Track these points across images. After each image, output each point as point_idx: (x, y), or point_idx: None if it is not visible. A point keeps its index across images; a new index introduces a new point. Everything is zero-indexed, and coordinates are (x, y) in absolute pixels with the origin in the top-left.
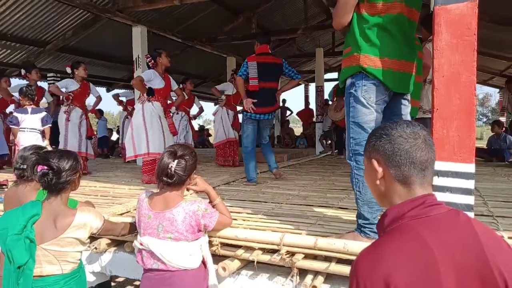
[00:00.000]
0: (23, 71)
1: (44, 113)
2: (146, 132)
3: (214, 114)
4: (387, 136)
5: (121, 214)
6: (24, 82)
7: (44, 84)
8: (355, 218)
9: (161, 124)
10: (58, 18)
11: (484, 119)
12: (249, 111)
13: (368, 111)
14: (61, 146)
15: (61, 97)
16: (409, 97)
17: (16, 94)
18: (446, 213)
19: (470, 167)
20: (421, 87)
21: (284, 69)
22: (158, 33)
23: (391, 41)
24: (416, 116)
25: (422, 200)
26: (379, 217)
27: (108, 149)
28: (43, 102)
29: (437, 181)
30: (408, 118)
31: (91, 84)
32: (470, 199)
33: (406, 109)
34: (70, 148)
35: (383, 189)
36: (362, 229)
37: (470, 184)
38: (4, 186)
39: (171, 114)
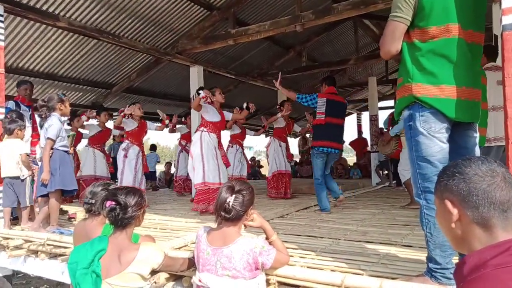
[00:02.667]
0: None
1: None
2: (203, 162)
3: (267, 147)
4: (460, 174)
5: (179, 248)
6: (95, 121)
7: (110, 123)
8: (421, 257)
9: (216, 155)
10: (124, 62)
11: None
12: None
13: (431, 142)
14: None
15: (118, 133)
16: (476, 127)
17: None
18: None
19: None
20: (487, 115)
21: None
22: (213, 71)
23: (448, 67)
24: (484, 145)
25: (507, 246)
26: (453, 262)
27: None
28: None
29: None
30: (477, 150)
31: (148, 122)
32: None
33: (472, 140)
34: (125, 183)
35: (459, 233)
36: (433, 273)
37: None
38: (72, 219)
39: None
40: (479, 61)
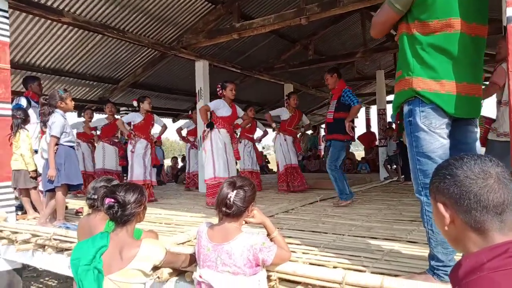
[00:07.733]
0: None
1: None
2: (213, 157)
3: (273, 141)
4: (452, 177)
5: (183, 243)
6: (102, 115)
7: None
8: (425, 254)
9: (226, 149)
10: (130, 57)
11: None
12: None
13: (432, 138)
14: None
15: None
16: (476, 122)
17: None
18: None
19: None
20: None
21: None
22: (218, 65)
23: (449, 62)
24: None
25: (505, 248)
26: (455, 259)
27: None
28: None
29: None
30: (476, 146)
31: (155, 116)
32: None
33: (473, 136)
34: (135, 177)
35: (454, 235)
36: (435, 271)
37: None
38: (79, 214)
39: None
40: (483, 54)
